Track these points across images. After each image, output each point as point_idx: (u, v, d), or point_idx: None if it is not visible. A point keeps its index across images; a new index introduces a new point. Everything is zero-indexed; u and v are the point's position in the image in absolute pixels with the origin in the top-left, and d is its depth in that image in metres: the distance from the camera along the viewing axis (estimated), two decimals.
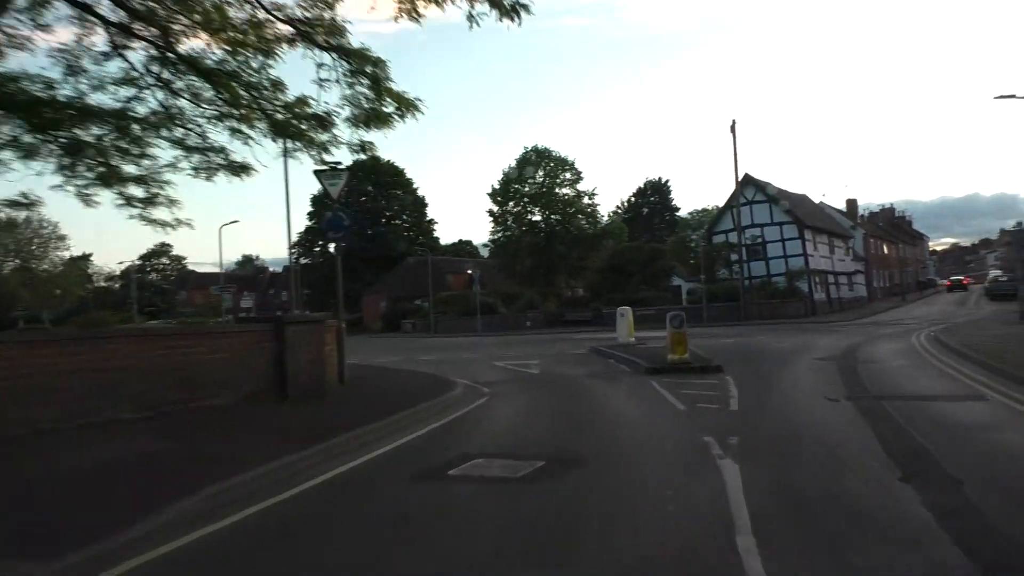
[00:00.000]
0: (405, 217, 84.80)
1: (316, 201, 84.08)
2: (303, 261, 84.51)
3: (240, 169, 13.38)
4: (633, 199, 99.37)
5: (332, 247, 20.28)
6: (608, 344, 23.12)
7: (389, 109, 12.17)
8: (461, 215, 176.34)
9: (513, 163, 64.15)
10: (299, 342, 13.17)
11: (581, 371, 18.24)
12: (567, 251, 63.14)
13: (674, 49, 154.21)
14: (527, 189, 63.78)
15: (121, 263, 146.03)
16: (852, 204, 75.64)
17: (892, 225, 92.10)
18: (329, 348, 14.51)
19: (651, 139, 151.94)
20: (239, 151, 13.44)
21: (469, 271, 53.13)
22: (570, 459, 7.92)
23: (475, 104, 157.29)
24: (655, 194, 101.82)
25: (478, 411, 12.26)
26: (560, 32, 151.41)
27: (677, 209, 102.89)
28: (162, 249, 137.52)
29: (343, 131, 12.77)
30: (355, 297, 75.28)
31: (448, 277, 69.74)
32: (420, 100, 12.25)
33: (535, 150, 63.59)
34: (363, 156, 13.69)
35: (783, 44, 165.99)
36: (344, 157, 15.99)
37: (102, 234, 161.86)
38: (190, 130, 12.76)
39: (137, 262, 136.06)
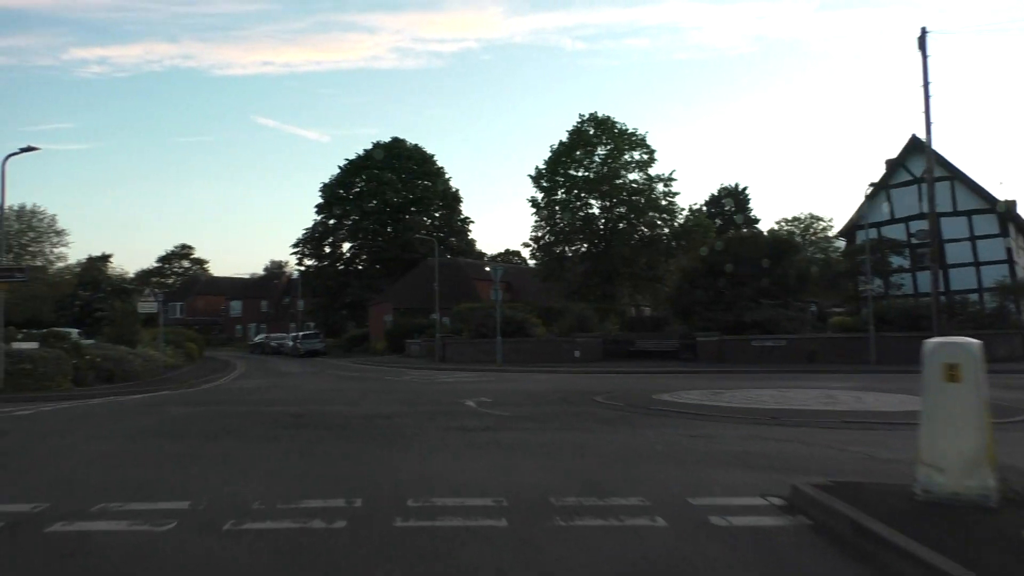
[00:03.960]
0: (436, 215, 69.88)
1: (327, 191, 70.15)
2: (308, 263, 70.34)
3: None
4: (704, 207, 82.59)
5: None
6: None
7: None
8: (508, 226, 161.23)
9: (565, 136, 48.60)
10: None
11: None
12: (632, 254, 47.29)
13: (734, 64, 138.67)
14: (581, 172, 48.17)
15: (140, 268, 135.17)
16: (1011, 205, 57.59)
17: None
18: None
19: (727, 142, 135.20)
20: None
21: (488, 268, 37.62)
22: None
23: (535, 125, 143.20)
24: (730, 200, 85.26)
25: None
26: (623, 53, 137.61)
27: (757, 220, 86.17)
28: (183, 251, 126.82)
29: None
30: (362, 308, 60.52)
31: (476, 285, 54.33)
32: None
33: (593, 119, 47.94)
34: None
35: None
36: None
37: (126, 232, 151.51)
38: None
39: (155, 264, 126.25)
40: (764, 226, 77.09)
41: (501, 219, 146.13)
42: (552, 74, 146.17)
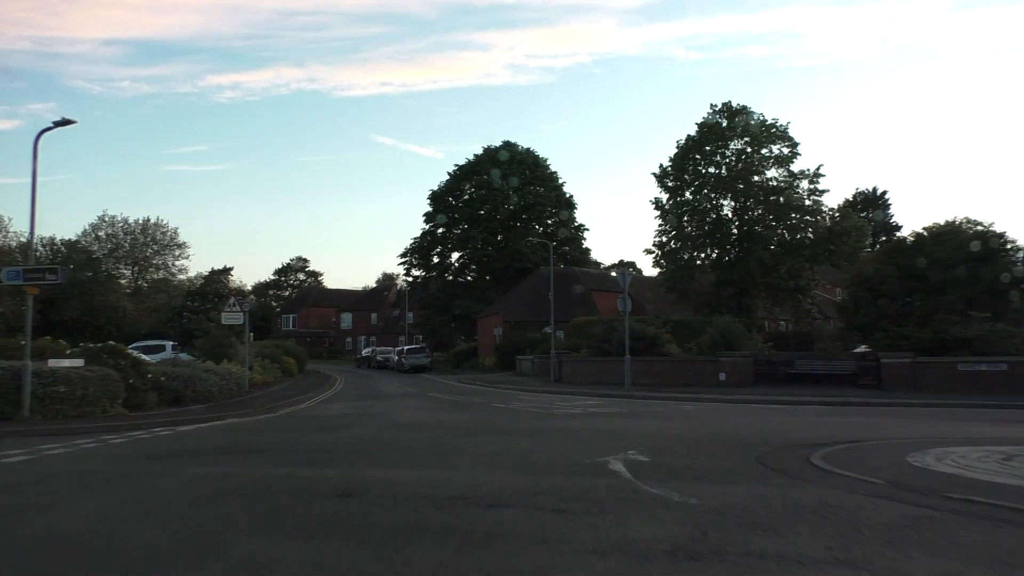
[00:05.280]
0: (549, 223, 65.68)
1: (436, 198, 67.34)
2: (415, 274, 67.72)
3: None
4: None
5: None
6: None
7: None
8: (622, 239, 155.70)
9: (693, 131, 43.39)
10: None
11: None
12: (772, 261, 41.51)
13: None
14: (711, 170, 42.84)
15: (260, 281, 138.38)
16: None
17: None
18: None
19: (866, 145, 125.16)
20: None
21: (614, 274, 33.13)
22: None
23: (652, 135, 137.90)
24: (868, 207, 77.03)
25: None
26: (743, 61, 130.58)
27: (898, 227, 77.42)
28: (299, 264, 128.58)
29: None
30: (471, 320, 57.04)
31: (593, 297, 49.73)
32: None
33: (727, 109, 42.54)
34: None
35: None
36: None
37: (252, 248, 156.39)
38: None
39: (272, 277, 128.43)
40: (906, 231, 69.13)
41: (614, 234, 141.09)
42: (665, 85, 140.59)
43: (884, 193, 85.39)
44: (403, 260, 67.66)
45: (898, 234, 68.90)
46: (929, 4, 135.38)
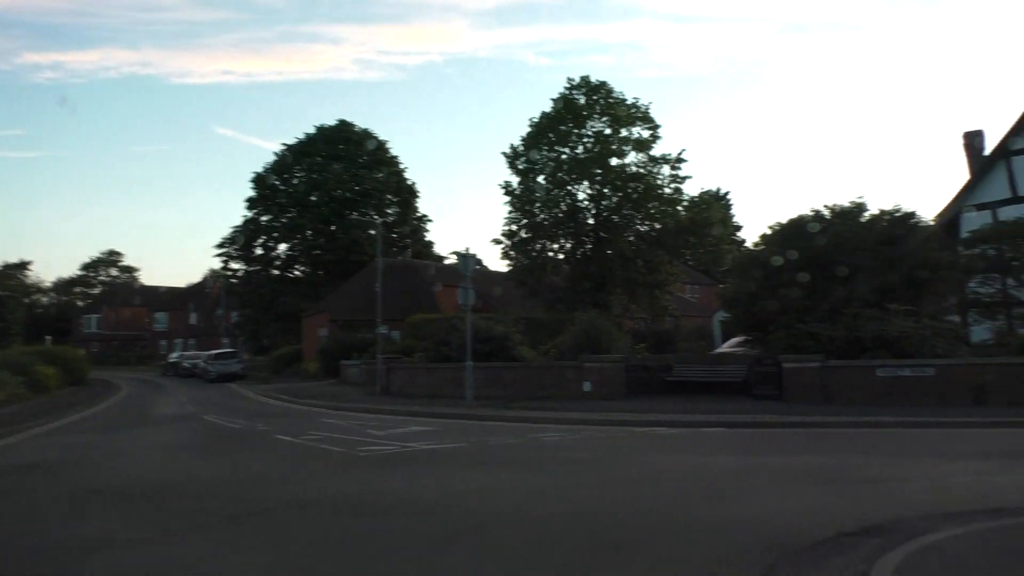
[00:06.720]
0: (388, 212, 59.32)
1: (260, 182, 59.25)
2: (234, 267, 59.41)
3: None
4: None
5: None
6: None
7: None
8: (469, 239, 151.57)
9: (548, 106, 38.83)
10: None
11: None
12: (631, 254, 37.75)
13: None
14: (567, 151, 38.45)
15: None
16: None
17: None
18: None
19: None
20: None
21: (456, 253, 28.02)
22: None
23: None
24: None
25: None
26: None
27: (739, 227, 77.21)
28: (110, 258, 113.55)
29: None
30: (298, 320, 49.90)
31: (436, 294, 44.16)
32: None
33: (586, 84, 38.29)
34: None
35: None
36: None
37: (61, 240, 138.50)
38: None
39: (79, 273, 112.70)
40: (747, 234, 68.17)
41: (464, 234, 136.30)
42: (516, 88, 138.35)
43: (727, 194, 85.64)
44: (221, 252, 59.09)
45: (739, 234, 67.90)
46: (761, 26, 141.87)
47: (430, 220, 64.02)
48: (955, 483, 7.79)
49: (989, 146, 26.61)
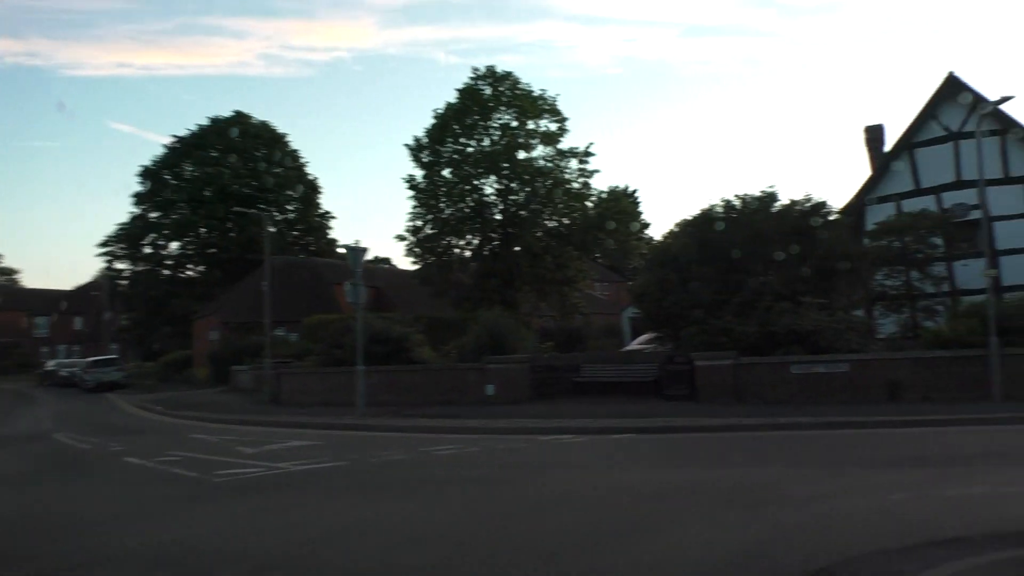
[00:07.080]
0: (289, 208, 56.47)
1: (149, 175, 55.38)
2: (120, 267, 55.41)
3: None
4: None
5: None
6: None
7: None
8: (377, 239, 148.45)
9: (454, 98, 37.32)
10: None
11: None
12: (539, 250, 36.75)
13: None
14: (473, 144, 37.08)
15: None
16: None
17: None
18: None
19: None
20: None
21: (344, 246, 26.42)
22: None
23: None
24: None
25: None
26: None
27: (648, 224, 77.73)
28: None
29: None
30: (186, 322, 46.71)
31: (338, 294, 41.95)
32: None
33: (491, 74, 37.00)
34: None
35: None
36: None
37: None
38: None
39: None
40: (655, 231, 68.47)
41: (368, 233, 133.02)
42: (425, 86, 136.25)
43: (635, 192, 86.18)
44: (105, 251, 54.90)
45: (647, 232, 68.19)
46: (663, 29, 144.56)
47: (334, 217, 61.59)
48: (897, 501, 6.75)
49: (890, 140, 26.77)
